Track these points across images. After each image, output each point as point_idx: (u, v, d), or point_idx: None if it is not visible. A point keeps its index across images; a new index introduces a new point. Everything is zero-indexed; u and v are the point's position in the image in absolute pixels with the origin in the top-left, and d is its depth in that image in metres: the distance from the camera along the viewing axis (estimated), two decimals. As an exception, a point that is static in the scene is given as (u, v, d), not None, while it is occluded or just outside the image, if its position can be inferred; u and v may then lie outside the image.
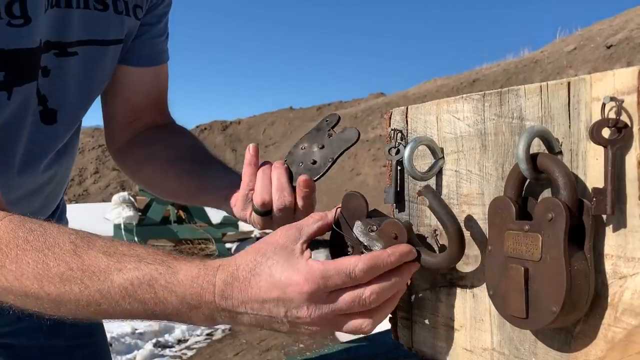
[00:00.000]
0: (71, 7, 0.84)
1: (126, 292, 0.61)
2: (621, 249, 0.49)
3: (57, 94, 0.87)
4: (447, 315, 0.69)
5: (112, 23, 0.90)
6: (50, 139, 0.90)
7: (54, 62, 0.85)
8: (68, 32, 0.85)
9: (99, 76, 0.94)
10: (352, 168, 14.52)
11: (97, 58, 0.90)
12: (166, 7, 1.02)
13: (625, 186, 0.48)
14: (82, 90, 0.91)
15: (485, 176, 0.62)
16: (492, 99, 0.61)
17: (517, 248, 0.53)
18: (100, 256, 0.62)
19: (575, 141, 0.53)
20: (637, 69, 0.48)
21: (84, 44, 0.87)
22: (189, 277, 0.61)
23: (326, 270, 0.58)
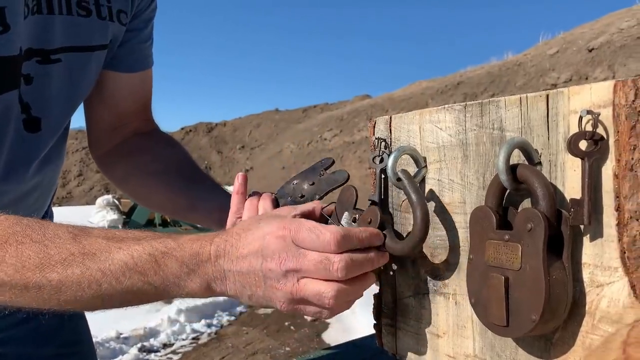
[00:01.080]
0: (53, 13, 0.83)
1: (127, 266, 0.62)
2: (598, 258, 0.50)
3: (40, 101, 0.86)
4: (431, 322, 0.70)
5: (96, 29, 0.89)
6: (34, 146, 0.89)
7: (37, 70, 0.84)
8: (50, 38, 0.84)
9: (84, 82, 0.93)
10: (338, 170, 14.58)
11: (81, 64, 0.90)
12: (152, 12, 1.02)
13: (602, 197, 0.50)
14: (66, 97, 0.90)
15: (467, 185, 0.63)
16: (474, 109, 0.62)
17: (498, 257, 0.54)
18: (100, 240, 0.64)
19: (554, 152, 0.54)
20: (613, 83, 0.49)
21: (67, 50, 0.87)
22: (188, 240, 0.64)
23: (300, 223, 0.62)
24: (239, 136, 26.38)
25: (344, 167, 13.97)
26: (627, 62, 7.81)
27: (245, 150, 24.54)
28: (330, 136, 17.55)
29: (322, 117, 20.90)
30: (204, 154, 23.90)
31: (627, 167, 0.48)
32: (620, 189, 0.49)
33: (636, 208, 0.48)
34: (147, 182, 1.01)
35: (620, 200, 0.49)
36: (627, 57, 7.93)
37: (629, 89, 0.48)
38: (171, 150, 1.04)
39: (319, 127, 19.43)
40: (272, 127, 25.80)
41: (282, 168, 18.74)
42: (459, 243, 0.65)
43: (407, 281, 0.73)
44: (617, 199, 0.49)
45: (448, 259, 0.67)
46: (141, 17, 0.99)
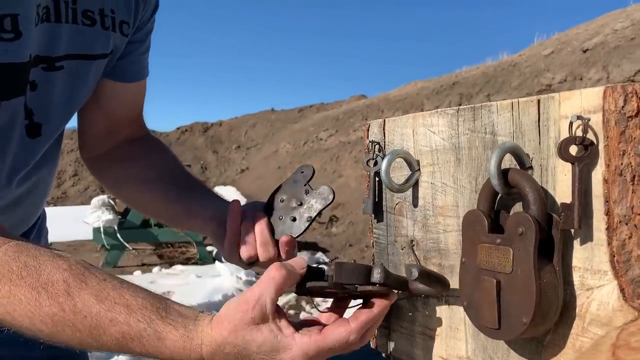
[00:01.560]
0: (60, 22, 0.84)
1: (117, 342, 0.64)
2: (588, 261, 0.51)
3: (42, 108, 0.87)
4: (424, 324, 0.70)
5: (99, 38, 0.91)
6: (33, 152, 0.90)
7: (42, 77, 0.84)
8: (56, 46, 0.85)
9: (83, 90, 0.94)
10: (333, 170, 14.53)
11: (81, 72, 0.91)
12: (152, 24, 1.03)
13: (592, 201, 0.50)
14: (66, 104, 0.91)
15: (460, 189, 0.64)
16: (466, 114, 0.63)
17: (490, 260, 0.54)
18: (92, 300, 0.64)
19: (545, 157, 0.55)
20: (602, 89, 0.50)
21: (70, 58, 0.88)
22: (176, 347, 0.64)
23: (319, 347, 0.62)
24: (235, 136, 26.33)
25: (340, 167, 13.94)
26: (621, 63, 7.84)
27: (241, 150, 24.48)
28: (326, 136, 17.54)
29: (318, 117, 20.88)
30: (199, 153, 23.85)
31: (617, 172, 0.49)
32: (609, 194, 0.49)
33: (625, 212, 0.49)
34: (141, 189, 1.02)
35: (609, 204, 0.49)
36: (621, 58, 7.96)
37: (618, 95, 0.49)
38: (163, 156, 1.05)
39: (315, 127, 19.41)
40: (268, 127, 25.76)
41: (278, 168, 18.72)
42: (451, 246, 0.65)
43: (401, 283, 0.73)
44: (607, 203, 0.49)
45: (441, 262, 0.67)
46: (143, 30, 1.01)
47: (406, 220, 0.72)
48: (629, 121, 0.48)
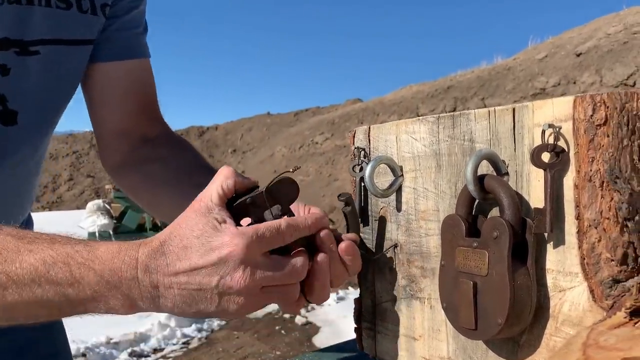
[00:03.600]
0: (32, 4, 0.82)
1: (37, 273, 0.56)
2: (560, 264, 0.53)
3: (18, 94, 0.84)
4: (407, 325, 0.72)
5: (78, 22, 0.88)
6: (10, 141, 0.86)
7: (15, 61, 0.82)
8: (29, 29, 0.82)
9: (65, 78, 0.90)
10: (329, 174, 14.56)
11: (61, 58, 0.88)
12: (133, 1, 0.98)
13: (564, 206, 0.52)
14: (46, 91, 0.88)
15: (440, 194, 0.66)
16: (446, 121, 0.65)
17: (467, 263, 0.56)
18: (8, 238, 0.58)
19: (519, 163, 0.57)
20: (572, 98, 0.52)
21: (47, 43, 0.85)
22: (109, 252, 0.57)
23: (257, 228, 0.58)
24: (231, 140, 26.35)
25: (336, 171, 13.99)
26: (614, 67, 7.90)
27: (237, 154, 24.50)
28: (321, 140, 17.57)
29: (314, 121, 20.93)
30: (195, 157, 23.83)
31: (586, 178, 0.51)
32: (580, 199, 0.51)
33: (594, 217, 0.51)
34: (157, 192, 0.96)
35: (580, 209, 0.51)
36: (614, 62, 8.03)
37: (587, 105, 0.51)
38: (181, 155, 0.98)
39: (311, 131, 19.45)
40: (264, 131, 25.79)
41: (274, 172, 18.73)
42: (433, 249, 0.67)
43: (386, 286, 0.75)
44: (577, 208, 0.51)
45: (423, 265, 0.69)
46: (119, 5, 0.96)
47: (390, 224, 0.74)
48: (597, 129, 0.50)
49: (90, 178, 18.87)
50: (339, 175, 13.38)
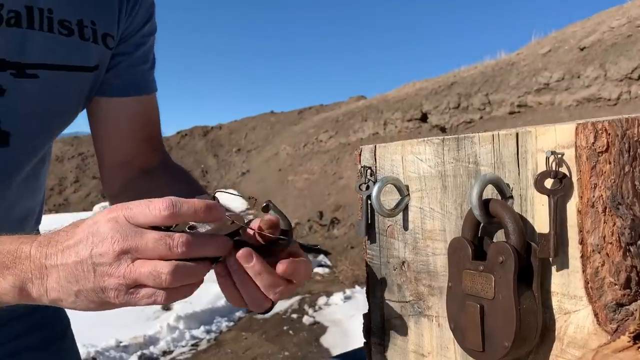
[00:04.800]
0: (33, 28, 0.83)
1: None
2: (565, 287, 0.54)
3: (11, 115, 0.85)
4: (416, 342, 0.73)
5: (78, 49, 0.89)
6: (2, 161, 0.87)
7: (11, 83, 0.83)
8: (28, 53, 0.84)
9: (61, 103, 0.91)
10: (334, 172, 14.57)
11: (60, 84, 0.89)
12: (144, 37, 1.01)
13: (567, 231, 0.53)
14: (40, 115, 0.89)
15: (446, 214, 0.67)
16: (451, 144, 0.66)
17: (474, 286, 0.58)
18: None
19: (524, 187, 0.58)
20: (575, 126, 0.53)
21: (46, 67, 0.86)
22: (10, 237, 0.61)
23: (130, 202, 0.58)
24: (235, 139, 26.38)
25: (340, 169, 13.99)
26: (618, 61, 7.87)
27: (242, 153, 24.53)
28: (325, 138, 17.57)
29: (318, 119, 20.93)
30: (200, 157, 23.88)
31: (589, 204, 0.52)
32: (583, 224, 0.52)
33: (597, 242, 0.52)
34: None
35: (583, 234, 0.52)
36: (618, 55, 8.00)
37: (589, 132, 0.52)
38: (176, 187, 1.01)
39: (315, 129, 19.45)
40: (268, 130, 25.80)
41: (279, 170, 18.75)
42: (440, 269, 0.69)
43: (394, 304, 0.77)
44: (581, 233, 0.53)
45: (430, 284, 0.70)
46: (129, 41, 0.98)
47: (397, 242, 0.75)
48: (599, 156, 0.52)
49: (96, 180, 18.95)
50: (344, 174, 13.38)
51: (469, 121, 10.73)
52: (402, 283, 0.75)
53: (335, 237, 9.80)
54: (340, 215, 10.80)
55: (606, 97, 7.94)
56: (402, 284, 0.75)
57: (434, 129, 11.66)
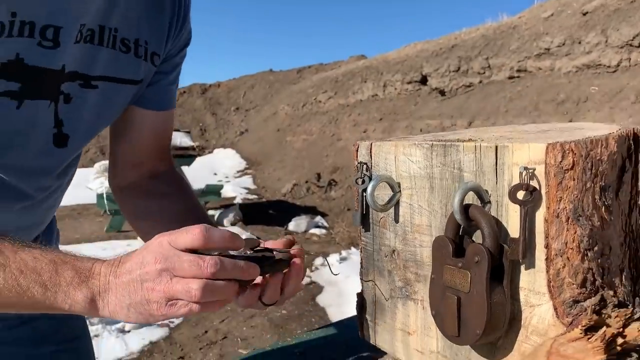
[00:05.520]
0: (102, 45, 0.93)
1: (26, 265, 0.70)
2: (531, 284, 0.63)
3: (72, 120, 0.95)
4: (403, 321, 0.83)
5: (131, 64, 0.99)
6: (57, 161, 0.98)
7: (77, 92, 0.93)
8: (94, 66, 0.93)
9: (111, 111, 1.02)
10: (332, 133, 14.59)
11: (112, 94, 0.99)
12: (181, 58, 1.11)
13: (535, 236, 0.61)
14: (94, 121, 1.00)
15: (433, 212, 0.75)
16: (438, 150, 0.73)
17: (453, 280, 0.66)
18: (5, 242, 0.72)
19: (500, 195, 0.65)
20: (545, 145, 0.60)
21: (105, 79, 0.96)
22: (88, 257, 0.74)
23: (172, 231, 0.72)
24: (234, 97, 26.23)
25: (339, 130, 14.01)
26: (620, 27, 7.82)
27: (240, 112, 24.44)
28: (324, 98, 17.51)
29: (317, 78, 20.79)
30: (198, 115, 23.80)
31: (554, 214, 0.60)
32: (548, 231, 0.60)
33: (560, 247, 0.60)
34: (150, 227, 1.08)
35: (548, 240, 0.60)
36: (621, 21, 7.94)
37: (557, 152, 0.59)
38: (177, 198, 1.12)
39: (314, 89, 19.36)
40: (266, 89, 25.64)
41: (277, 130, 18.75)
42: (426, 259, 0.77)
43: (385, 286, 0.85)
44: (546, 239, 0.61)
45: (417, 272, 0.79)
46: (170, 62, 1.08)
47: (389, 232, 0.84)
48: (565, 173, 0.59)
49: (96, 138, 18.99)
50: (342, 135, 13.41)
51: (469, 85, 10.70)
52: (392, 269, 0.84)
53: (333, 199, 9.93)
54: (337, 177, 10.90)
55: (606, 64, 7.92)
56: (392, 270, 0.84)
57: (433, 91, 11.63)
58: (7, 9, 0.77)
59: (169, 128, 1.16)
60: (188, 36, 1.11)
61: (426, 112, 10.88)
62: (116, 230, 7.71)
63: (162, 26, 1.02)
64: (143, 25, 0.99)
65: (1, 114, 0.84)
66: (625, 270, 0.65)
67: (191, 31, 1.12)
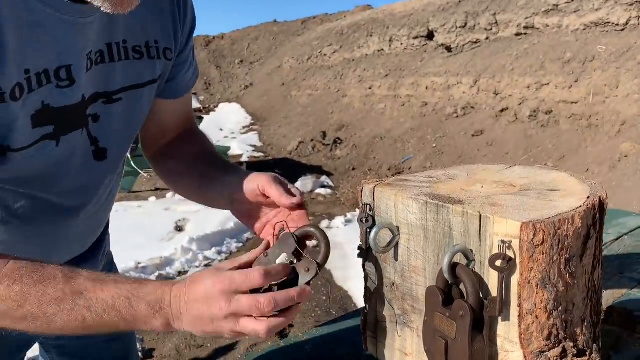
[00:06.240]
0: (114, 61, 0.99)
1: (107, 305, 0.82)
2: (506, 333, 0.75)
3: (106, 135, 1.04)
4: (400, 344, 0.96)
5: (147, 67, 1.06)
6: (101, 172, 1.08)
7: (103, 109, 1.01)
8: (113, 82, 1.00)
9: (140, 114, 1.10)
10: (337, 89, 14.53)
11: (136, 100, 1.06)
12: (190, 51, 1.18)
13: (510, 297, 0.73)
14: (127, 128, 1.08)
15: (427, 258, 0.87)
16: (432, 208, 0.84)
17: (441, 326, 0.79)
18: (86, 281, 0.83)
19: (483, 255, 0.77)
20: (520, 223, 0.71)
21: (126, 90, 1.03)
22: (154, 288, 0.85)
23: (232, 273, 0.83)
24: (238, 50, 25.94)
25: (344, 86, 13.96)
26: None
27: (244, 65, 24.22)
28: (330, 52, 17.32)
29: (322, 30, 20.48)
30: (203, 69, 23.62)
31: (526, 281, 0.72)
32: (521, 294, 0.72)
33: (530, 307, 0.72)
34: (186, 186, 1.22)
35: (521, 300, 0.73)
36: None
37: (530, 230, 0.70)
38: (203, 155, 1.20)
39: (319, 41, 19.12)
40: (270, 40, 25.30)
41: (282, 84, 18.66)
42: (421, 296, 0.89)
43: (385, 312, 0.98)
44: (519, 299, 0.73)
45: (413, 305, 0.91)
46: (184, 53, 1.15)
47: (389, 267, 0.96)
48: (536, 248, 0.71)
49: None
50: (347, 91, 13.38)
51: (475, 41, 10.59)
52: (392, 299, 0.96)
53: (338, 158, 10.04)
54: (343, 136, 10.97)
55: (614, 22, 7.82)
56: (391, 299, 0.96)
57: (439, 47, 11.52)
58: (19, 69, 0.83)
59: (189, 102, 1.25)
60: (193, 22, 1.15)
61: (432, 69, 10.82)
62: (128, 191, 7.88)
63: (166, 20, 1.07)
64: (148, 26, 1.04)
65: (45, 154, 0.94)
66: (586, 320, 0.78)
67: (195, 16, 1.16)
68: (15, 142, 0.86)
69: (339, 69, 15.34)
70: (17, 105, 0.83)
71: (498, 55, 9.54)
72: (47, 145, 0.93)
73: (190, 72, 1.20)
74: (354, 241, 3.95)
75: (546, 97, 7.86)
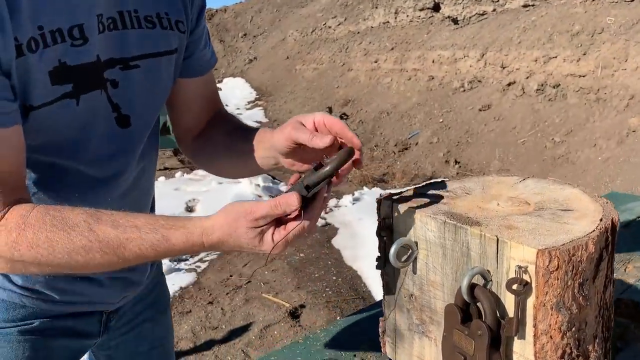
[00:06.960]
0: (127, 28, 1.04)
1: (136, 255, 0.86)
2: (522, 351, 0.80)
3: (127, 101, 1.07)
4: (418, 351, 1.01)
5: (161, 37, 1.10)
6: (128, 140, 1.11)
7: (121, 75, 1.04)
8: (128, 48, 1.05)
9: (160, 83, 1.13)
10: (343, 63, 14.41)
11: (155, 68, 1.10)
12: (202, 29, 1.21)
13: (526, 318, 0.78)
14: (147, 96, 1.11)
15: (445, 275, 0.91)
16: (450, 228, 0.88)
17: (460, 343, 0.83)
18: (109, 229, 0.86)
19: (500, 278, 0.81)
20: (536, 250, 0.75)
21: (143, 57, 1.08)
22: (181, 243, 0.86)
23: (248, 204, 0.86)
24: (241, 23, 25.66)
25: (349, 59, 13.83)
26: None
27: (248, 39, 24.00)
28: (334, 24, 17.12)
29: (326, 1, 20.20)
30: (206, 43, 23.35)
31: (542, 304, 0.76)
32: (536, 315, 0.77)
33: (545, 328, 0.76)
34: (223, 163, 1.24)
35: (536, 322, 0.77)
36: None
37: (545, 257, 0.74)
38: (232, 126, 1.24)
39: (323, 13, 18.88)
40: (274, 13, 24.99)
41: (287, 58, 18.51)
42: (439, 309, 0.94)
43: (404, 320, 1.03)
44: (535, 320, 0.77)
45: (431, 316, 0.96)
46: (197, 30, 1.19)
47: (408, 279, 1.00)
48: (551, 274, 0.75)
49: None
50: (353, 65, 13.26)
51: (482, 13, 10.45)
52: (410, 309, 1.01)
53: (345, 134, 10.02)
54: (349, 111, 10.93)
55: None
56: (410, 309, 1.01)
57: (446, 19, 11.37)
58: (32, 25, 0.88)
59: (213, 84, 1.29)
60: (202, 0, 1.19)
61: (438, 42, 10.71)
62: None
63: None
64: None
65: (67, 114, 0.97)
66: (598, 337, 0.82)
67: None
68: (37, 99, 0.91)
69: (343, 42, 15.19)
70: (34, 58, 0.88)
71: (505, 27, 9.42)
72: (68, 104, 0.96)
73: (208, 51, 1.24)
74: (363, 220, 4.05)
75: (554, 70, 7.79)
